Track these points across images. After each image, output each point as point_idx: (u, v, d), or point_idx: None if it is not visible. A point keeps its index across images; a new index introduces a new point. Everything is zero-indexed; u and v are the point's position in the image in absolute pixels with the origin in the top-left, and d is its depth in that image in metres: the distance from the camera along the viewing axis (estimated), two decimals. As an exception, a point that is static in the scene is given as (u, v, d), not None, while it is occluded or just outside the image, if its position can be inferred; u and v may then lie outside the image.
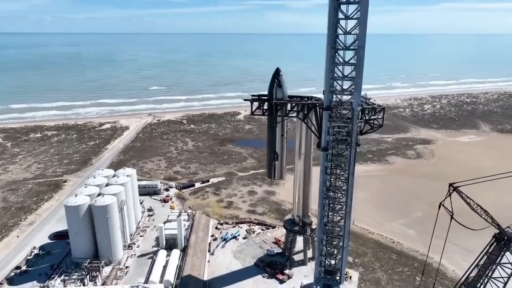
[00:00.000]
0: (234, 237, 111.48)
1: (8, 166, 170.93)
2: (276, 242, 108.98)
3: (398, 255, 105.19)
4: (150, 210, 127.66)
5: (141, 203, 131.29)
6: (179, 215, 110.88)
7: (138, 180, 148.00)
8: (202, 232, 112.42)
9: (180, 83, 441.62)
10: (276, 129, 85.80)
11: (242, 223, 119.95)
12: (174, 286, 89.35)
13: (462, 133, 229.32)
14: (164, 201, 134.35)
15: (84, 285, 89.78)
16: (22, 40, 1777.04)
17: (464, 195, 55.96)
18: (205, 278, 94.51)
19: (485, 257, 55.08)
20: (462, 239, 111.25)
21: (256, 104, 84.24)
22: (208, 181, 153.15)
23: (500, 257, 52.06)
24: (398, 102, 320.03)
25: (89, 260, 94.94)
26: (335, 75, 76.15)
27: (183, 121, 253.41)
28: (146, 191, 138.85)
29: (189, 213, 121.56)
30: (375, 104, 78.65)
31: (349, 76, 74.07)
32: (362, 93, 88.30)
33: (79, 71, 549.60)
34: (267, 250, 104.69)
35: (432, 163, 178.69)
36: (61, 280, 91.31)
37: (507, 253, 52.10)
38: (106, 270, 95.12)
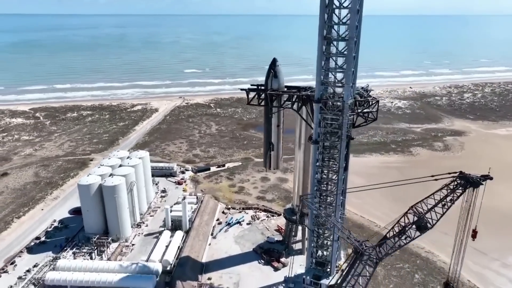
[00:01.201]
0: (238, 222, 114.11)
1: (44, 143, 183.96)
2: (278, 230, 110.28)
3: (401, 251, 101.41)
4: (163, 191, 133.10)
5: (156, 184, 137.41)
6: (184, 198, 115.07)
7: (157, 161, 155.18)
8: (207, 215, 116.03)
9: (216, 66, 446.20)
10: (272, 120, 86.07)
11: (249, 209, 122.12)
12: (172, 266, 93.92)
13: (500, 125, 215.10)
14: (179, 183, 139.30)
15: (91, 258, 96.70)
16: (76, 22, 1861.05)
17: (310, 206, 59.19)
18: (204, 260, 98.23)
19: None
20: (478, 240, 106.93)
21: (253, 93, 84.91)
22: (224, 165, 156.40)
23: (355, 267, 57.09)
24: (436, 90, 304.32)
25: (98, 235, 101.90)
26: (329, 66, 74.92)
27: (211, 104, 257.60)
28: (163, 173, 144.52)
29: (198, 196, 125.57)
30: (370, 97, 76.26)
31: (341, 67, 72.49)
32: (364, 84, 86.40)
33: (122, 53, 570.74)
34: (268, 237, 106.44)
35: (460, 156, 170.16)
36: (72, 253, 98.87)
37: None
38: (113, 246, 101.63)
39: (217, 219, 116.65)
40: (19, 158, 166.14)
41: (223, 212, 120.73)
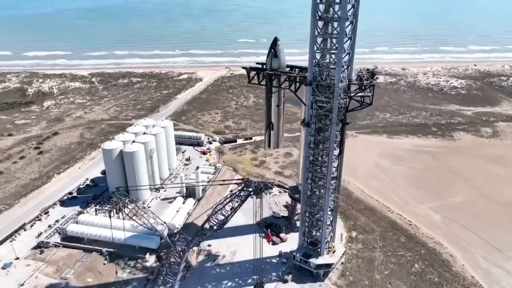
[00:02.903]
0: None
1: (94, 107, 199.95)
2: (287, 206, 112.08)
3: (407, 239, 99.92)
4: (187, 159, 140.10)
5: (183, 152, 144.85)
6: (197, 168, 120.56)
7: (189, 131, 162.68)
8: (221, 186, 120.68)
9: (270, 36, 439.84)
10: (272, 99, 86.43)
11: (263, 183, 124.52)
12: (179, 230, 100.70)
13: None
14: (204, 153, 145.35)
15: (110, 216, 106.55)
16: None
17: (123, 197, 63.60)
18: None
19: None
20: (496, 236, 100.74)
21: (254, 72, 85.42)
22: (251, 138, 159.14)
23: (168, 259, 63.60)
24: (504, 69, 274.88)
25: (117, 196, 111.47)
26: (327, 47, 73.02)
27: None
28: (191, 142, 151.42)
29: (217, 167, 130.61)
30: (369, 80, 72.78)
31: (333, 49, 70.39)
32: (371, 66, 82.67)
33: (182, 21, 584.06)
34: (273, 212, 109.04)
35: (508, 144, 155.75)
36: (95, 209, 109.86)
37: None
38: (130, 207, 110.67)
39: (231, 190, 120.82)
40: (70, 119, 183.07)
41: (238, 184, 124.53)
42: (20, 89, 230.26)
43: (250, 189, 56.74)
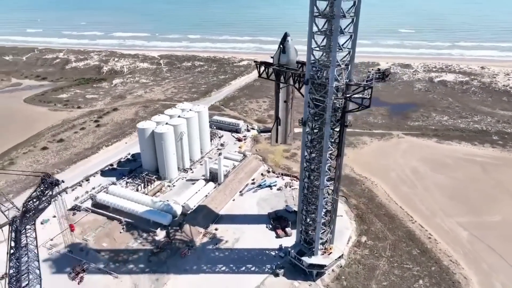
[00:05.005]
0: (269, 186, 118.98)
1: (154, 88, 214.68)
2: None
3: (421, 252, 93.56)
4: (222, 145, 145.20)
5: (220, 137, 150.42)
6: (220, 154, 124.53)
7: (231, 117, 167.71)
8: (244, 174, 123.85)
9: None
10: (280, 95, 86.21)
11: (287, 175, 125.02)
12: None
13: None
14: (239, 140, 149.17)
15: (137, 190, 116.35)
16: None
17: None
18: (221, 212, 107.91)
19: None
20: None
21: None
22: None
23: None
24: None
25: (146, 172, 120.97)
26: (331, 45, 70.82)
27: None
28: (229, 128, 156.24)
29: (246, 155, 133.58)
30: (371, 81, 69.11)
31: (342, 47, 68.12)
32: (384, 66, 78.46)
33: (261, 6, 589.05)
34: (287, 205, 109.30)
35: None
36: (126, 182, 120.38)
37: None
38: (157, 183, 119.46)
39: (253, 179, 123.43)
40: (131, 97, 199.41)
41: (262, 174, 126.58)
42: (97, 67, 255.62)
43: (46, 185, 59.29)
